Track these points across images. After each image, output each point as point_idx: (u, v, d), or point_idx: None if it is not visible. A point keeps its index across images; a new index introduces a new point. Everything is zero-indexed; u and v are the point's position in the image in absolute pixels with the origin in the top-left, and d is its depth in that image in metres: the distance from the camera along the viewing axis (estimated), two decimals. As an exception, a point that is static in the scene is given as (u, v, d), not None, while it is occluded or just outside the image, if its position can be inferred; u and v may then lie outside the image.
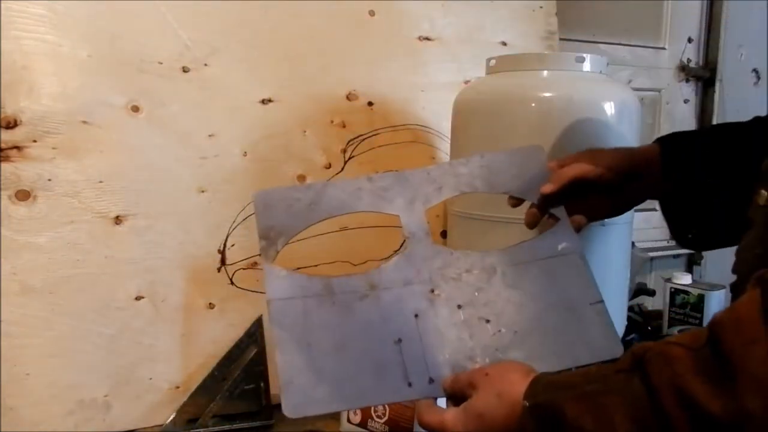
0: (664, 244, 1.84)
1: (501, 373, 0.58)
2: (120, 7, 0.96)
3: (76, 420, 0.92)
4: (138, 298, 0.96)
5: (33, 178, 0.90)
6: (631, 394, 0.47)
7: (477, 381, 0.58)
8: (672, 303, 1.30)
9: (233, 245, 1.03)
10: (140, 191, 0.96)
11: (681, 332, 0.95)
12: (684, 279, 1.30)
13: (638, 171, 0.77)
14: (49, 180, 0.91)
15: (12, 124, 0.88)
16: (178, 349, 0.99)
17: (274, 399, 1.02)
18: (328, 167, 1.10)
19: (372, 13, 1.16)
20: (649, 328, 1.29)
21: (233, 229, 1.03)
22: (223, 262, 1.02)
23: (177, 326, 0.99)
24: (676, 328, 1.27)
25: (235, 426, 0.97)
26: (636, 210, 0.89)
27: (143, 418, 0.96)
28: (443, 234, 1.17)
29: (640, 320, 1.30)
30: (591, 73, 0.94)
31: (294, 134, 1.08)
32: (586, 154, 0.76)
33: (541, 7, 1.33)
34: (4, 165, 0.88)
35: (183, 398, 0.97)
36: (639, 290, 1.36)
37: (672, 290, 1.30)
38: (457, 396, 0.60)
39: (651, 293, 1.43)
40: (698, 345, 0.45)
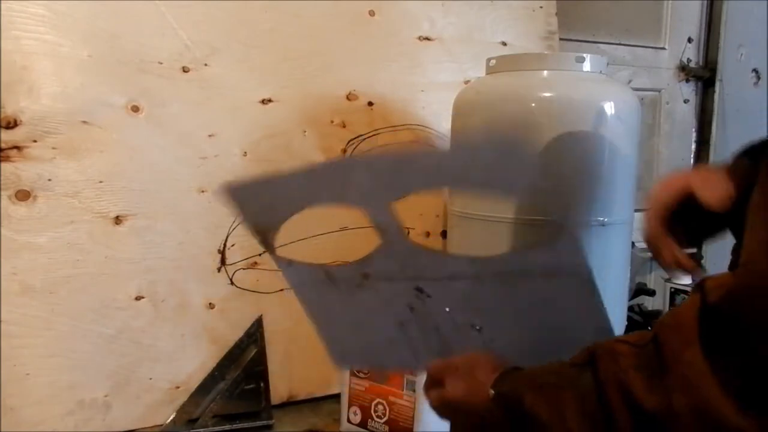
0: (664, 244, 1.83)
1: (469, 370, 0.60)
2: (120, 7, 0.96)
3: (76, 420, 0.92)
4: (138, 298, 0.96)
5: (33, 178, 0.90)
6: (582, 388, 0.49)
7: (448, 372, 0.61)
8: (672, 303, 1.30)
9: (233, 245, 1.03)
10: (140, 191, 0.96)
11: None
12: (684, 279, 1.30)
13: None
14: (49, 180, 0.91)
15: (12, 124, 0.88)
16: (178, 349, 0.99)
17: (274, 399, 1.02)
18: (328, 167, 1.10)
19: (372, 13, 1.16)
20: (649, 328, 1.28)
21: (233, 229, 1.03)
22: (223, 262, 1.02)
23: (177, 326, 0.99)
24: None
25: (235, 426, 0.97)
26: (636, 210, 0.89)
27: (143, 418, 0.96)
28: (443, 234, 1.17)
29: (640, 320, 1.30)
30: (591, 73, 0.94)
31: (294, 134, 1.08)
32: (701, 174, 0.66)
33: (541, 7, 1.33)
34: (4, 165, 0.88)
35: (183, 398, 0.97)
36: (639, 290, 1.36)
37: (672, 290, 1.30)
38: (436, 381, 0.63)
39: (651, 293, 1.43)
40: (643, 343, 0.47)
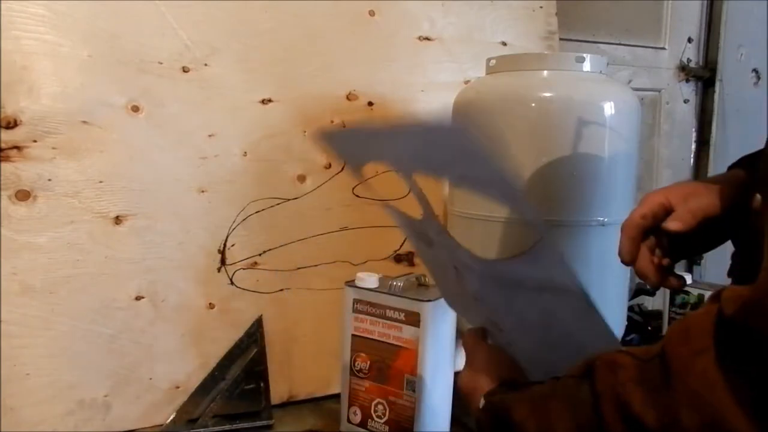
0: (664, 244, 1.83)
1: (479, 369, 0.62)
2: (120, 7, 0.96)
3: (76, 420, 0.92)
4: (138, 298, 0.96)
5: (33, 178, 0.90)
6: (577, 400, 0.47)
7: (469, 360, 0.66)
8: (672, 303, 1.30)
9: (233, 245, 1.03)
10: (140, 191, 0.96)
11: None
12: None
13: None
14: (49, 180, 0.91)
15: (12, 124, 0.88)
16: (178, 349, 0.99)
17: (274, 399, 1.02)
18: (329, 167, 1.10)
19: (372, 13, 1.16)
20: (649, 328, 1.29)
21: (233, 229, 1.03)
22: (223, 262, 1.02)
23: (177, 326, 0.99)
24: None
25: (235, 426, 0.97)
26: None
27: (143, 418, 0.96)
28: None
29: (640, 320, 1.30)
30: (591, 73, 0.94)
31: (294, 134, 1.08)
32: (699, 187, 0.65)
33: (541, 7, 1.33)
34: (4, 165, 0.88)
35: (183, 398, 0.97)
36: (639, 290, 1.36)
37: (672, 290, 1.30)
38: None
39: (651, 293, 1.42)
40: (648, 357, 0.44)
